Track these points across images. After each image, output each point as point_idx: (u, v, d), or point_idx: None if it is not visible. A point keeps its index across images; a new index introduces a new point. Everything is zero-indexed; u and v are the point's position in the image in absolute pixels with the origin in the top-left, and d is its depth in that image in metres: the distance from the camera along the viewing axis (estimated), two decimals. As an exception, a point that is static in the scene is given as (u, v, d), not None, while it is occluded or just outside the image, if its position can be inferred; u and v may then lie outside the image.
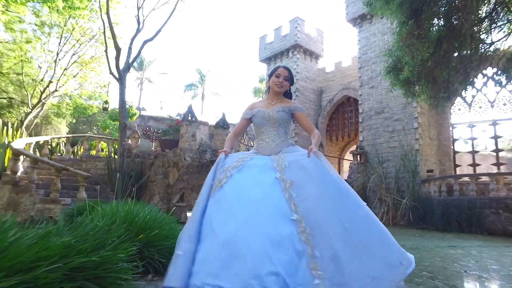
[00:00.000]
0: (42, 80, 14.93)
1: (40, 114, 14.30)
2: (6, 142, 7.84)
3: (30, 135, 14.17)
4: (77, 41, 14.09)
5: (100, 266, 1.44)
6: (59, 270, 1.25)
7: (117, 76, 8.45)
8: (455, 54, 4.64)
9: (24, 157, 6.91)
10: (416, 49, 4.02)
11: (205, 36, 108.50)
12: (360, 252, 1.60)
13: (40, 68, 15.04)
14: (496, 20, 4.87)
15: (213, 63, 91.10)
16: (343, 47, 72.60)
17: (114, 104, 22.92)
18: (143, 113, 28.82)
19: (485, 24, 4.92)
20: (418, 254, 4.62)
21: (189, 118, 8.15)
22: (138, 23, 9.04)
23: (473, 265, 3.86)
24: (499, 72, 6.72)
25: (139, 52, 8.89)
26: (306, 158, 1.93)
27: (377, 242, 1.69)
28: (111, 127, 19.60)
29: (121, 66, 8.60)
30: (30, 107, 13.57)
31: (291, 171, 1.89)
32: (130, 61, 8.80)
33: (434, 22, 4.36)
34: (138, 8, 9.01)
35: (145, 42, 8.90)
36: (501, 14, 4.68)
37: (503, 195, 9.66)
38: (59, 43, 13.92)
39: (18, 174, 6.64)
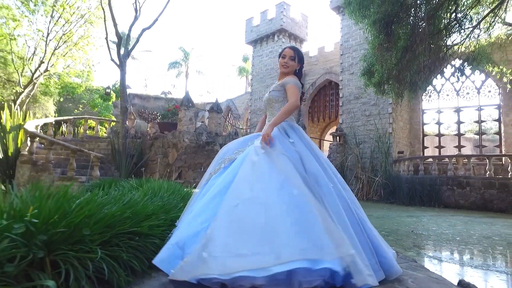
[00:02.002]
0: (30, 59, 15.00)
1: (31, 93, 14.52)
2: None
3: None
4: (67, 21, 14.19)
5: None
6: (165, 221, 2.18)
7: (117, 63, 9.02)
8: (418, 60, 5.67)
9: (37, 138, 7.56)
10: (385, 59, 5.00)
11: (189, 14, 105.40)
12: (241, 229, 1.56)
13: (29, 47, 15.08)
14: (451, 31, 5.91)
15: (197, 41, 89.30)
16: (326, 32, 73.04)
17: (99, 82, 22.98)
18: (128, 91, 28.83)
19: (443, 34, 5.95)
20: (381, 221, 5.84)
21: (187, 103, 8.93)
22: (136, 11, 9.51)
23: (420, 227, 5.09)
24: (464, 64, 7.89)
25: (138, 40, 9.43)
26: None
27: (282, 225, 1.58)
28: (99, 106, 19.89)
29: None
30: (22, 87, 13.77)
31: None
32: (129, 48, 9.34)
33: (401, 33, 5.33)
34: (136, -3, 9.45)
35: (144, 30, 9.42)
36: (455, 27, 5.71)
37: (461, 173, 11.12)
38: (49, 22, 13.98)
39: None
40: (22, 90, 13.68)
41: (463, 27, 5.68)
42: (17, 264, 1.28)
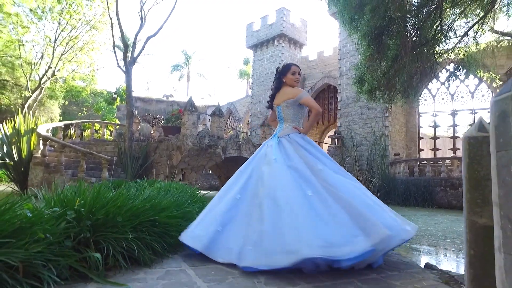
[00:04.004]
0: (38, 63, 15.47)
1: (39, 97, 14.98)
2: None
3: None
4: (73, 27, 14.65)
5: (190, 212, 2.80)
6: (179, 213, 2.59)
7: (124, 69, 9.46)
8: (407, 69, 6.08)
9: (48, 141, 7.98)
10: (375, 69, 5.42)
11: (191, 18, 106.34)
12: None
13: (36, 52, 15.55)
14: (438, 41, 6.33)
15: (198, 44, 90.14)
16: (325, 37, 73.82)
17: (103, 86, 23.43)
18: (130, 94, 29.33)
19: (430, 44, 6.36)
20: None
21: (190, 108, 9.36)
22: (141, 19, 9.94)
23: (407, 224, 5.48)
24: (459, 68, 8.30)
25: (143, 48, 9.87)
26: None
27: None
28: (103, 109, 20.35)
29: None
30: (30, 91, 14.24)
31: None
32: (135, 55, 9.78)
33: (390, 44, 5.74)
34: (142, 6, 9.89)
35: (149, 38, 9.86)
36: (441, 38, 6.13)
37: (455, 175, 11.51)
38: (56, 28, 14.45)
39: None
40: (30, 94, 14.14)
41: (448, 38, 6.10)
42: (73, 240, 1.69)
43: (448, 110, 14.71)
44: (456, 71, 8.12)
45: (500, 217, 1.19)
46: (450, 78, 7.81)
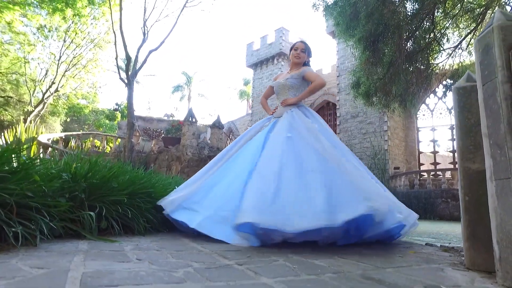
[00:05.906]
0: (42, 80, 15.79)
1: (41, 112, 15.16)
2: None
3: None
4: (77, 45, 15.06)
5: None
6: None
7: (126, 82, 9.64)
8: (402, 76, 6.20)
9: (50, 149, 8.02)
10: (371, 72, 5.54)
11: (192, 39, 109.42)
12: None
13: (41, 69, 15.92)
14: (432, 50, 6.48)
15: (199, 65, 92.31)
16: (323, 56, 75.76)
17: (104, 105, 23.77)
18: (132, 113, 29.65)
19: (425, 52, 6.52)
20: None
21: (190, 119, 9.45)
22: (144, 34, 10.22)
23: (408, 227, 5.41)
24: (455, 81, 8.42)
25: (145, 61, 10.09)
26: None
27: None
28: (104, 126, 20.53)
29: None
30: (33, 106, 14.43)
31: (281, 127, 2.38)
32: (137, 68, 9.98)
33: (386, 51, 5.88)
34: (144, 22, 10.20)
35: (151, 51, 10.10)
36: (435, 46, 6.29)
37: (457, 187, 11.40)
38: (62, 46, 14.85)
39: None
40: (33, 109, 14.33)
41: (442, 46, 6.26)
42: (67, 198, 1.69)
43: (447, 124, 14.80)
44: (452, 85, 8.26)
45: (490, 146, 1.21)
46: (447, 92, 7.94)
